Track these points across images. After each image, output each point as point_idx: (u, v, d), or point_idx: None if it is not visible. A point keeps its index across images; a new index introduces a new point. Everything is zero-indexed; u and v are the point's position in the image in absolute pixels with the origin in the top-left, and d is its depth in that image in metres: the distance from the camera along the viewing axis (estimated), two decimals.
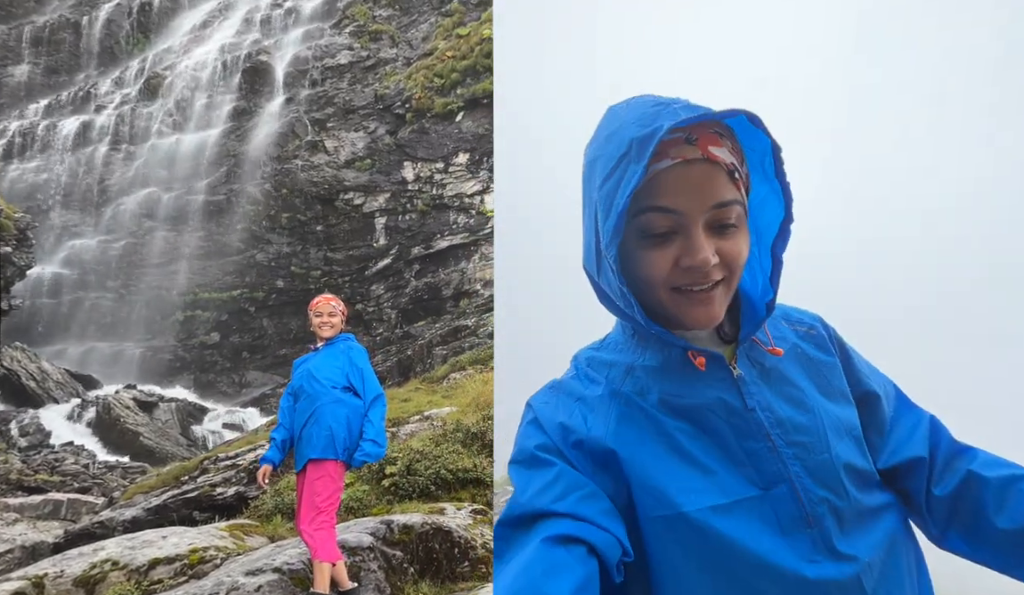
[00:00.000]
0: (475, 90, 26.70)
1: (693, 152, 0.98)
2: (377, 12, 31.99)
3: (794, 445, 1.02)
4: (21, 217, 22.22)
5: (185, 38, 33.75)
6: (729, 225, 1.01)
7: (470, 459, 7.18)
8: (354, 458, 4.37)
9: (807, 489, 1.00)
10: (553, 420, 1.09)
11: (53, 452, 17.92)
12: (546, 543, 0.91)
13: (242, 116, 29.48)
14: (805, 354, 1.15)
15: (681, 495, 0.98)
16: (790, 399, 1.07)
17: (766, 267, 1.12)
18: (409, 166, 27.12)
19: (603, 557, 0.92)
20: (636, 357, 1.12)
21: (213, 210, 28.19)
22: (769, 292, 1.11)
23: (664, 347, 1.09)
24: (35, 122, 31.28)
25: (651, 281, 1.02)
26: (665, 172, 0.98)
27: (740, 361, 1.09)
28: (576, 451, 1.04)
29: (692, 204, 0.98)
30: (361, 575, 4.71)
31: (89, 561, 5.22)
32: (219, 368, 26.97)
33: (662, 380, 1.07)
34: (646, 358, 1.10)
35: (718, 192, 0.99)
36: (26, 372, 21.55)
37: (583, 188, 1.12)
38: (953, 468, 1.14)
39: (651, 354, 1.10)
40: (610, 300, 1.11)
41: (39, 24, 34.22)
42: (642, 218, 1.00)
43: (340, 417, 4.36)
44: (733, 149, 1.03)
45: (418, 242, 26.54)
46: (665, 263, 1.01)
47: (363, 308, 26.13)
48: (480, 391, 10.71)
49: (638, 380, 1.09)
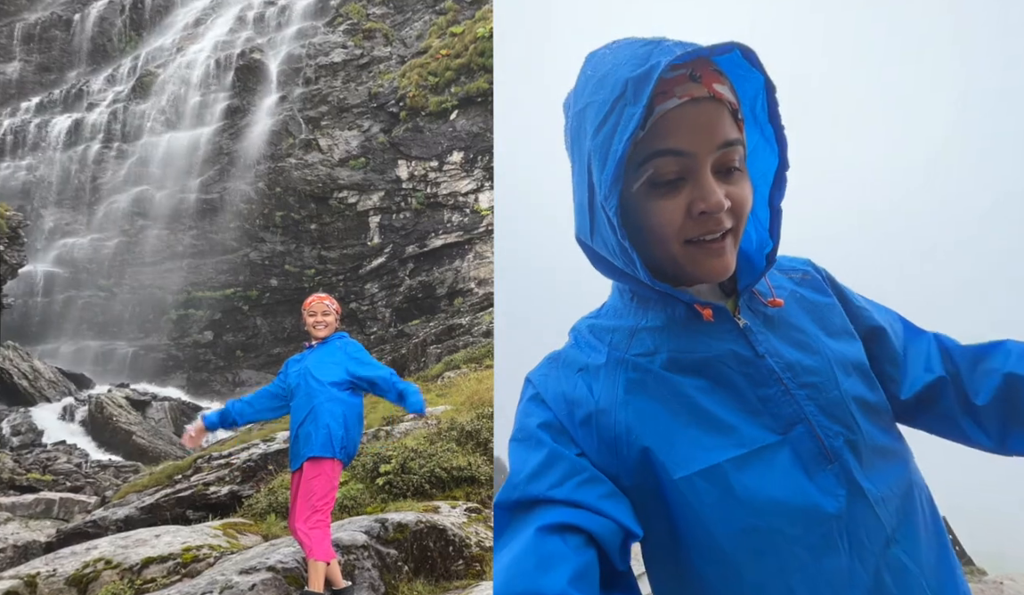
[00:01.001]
0: (469, 88, 26.69)
1: (699, 90, 0.95)
2: (371, 10, 31.94)
3: (805, 386, 1.02)
4: (13, 215, 22.11)
5: (178, 36, 33.61)
6: (734, 168, 0.98)
7: (464, 457, 7.18)
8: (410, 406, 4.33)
9: (823, 426, 1.00)
10: (557, 393, 1.06)
11: (45, 451, 17.84)
12: (541, 533, 0.90)
13: (235, 114, 29.39)
14: (804, 298, 1.15)
15: (701, 453, 0.97)
16: (796, 343, 1.07)
17: (762, 218, 1.10)
18: (403, 165, 27.09)
19: (602, 545, 0.91)
20: (638, 319, 1.09)
21: (206, 208, 28.11)
22: (768, 243, 1.09)
23: (667, 305, 1.06)
24: (27, 120, 31.13)
25: (662, 234, 0.99)
26: (672, 112, 0.94)
27: (743, 312, 1.08)
28: (584, 428, 1.02)
29: (701, 145, 0.95)
30: (355, 573, 4.70)
31: (82, 560, 5.20)
32: (212, 367, 26.90)
33: (669, 338, 1.05)
34: (648, 319, 1.07)
35: (725, 131, 0.96)
36: (18, 371, 21.44)
37: (570, 144, 1.07)
38: (984, 371, 1.13)
39: (653, 314, 1.07)
40: (606, 264, 1.08)
41: (31, 21, 34.03)
42: (649, 165, 0.96)
43: (338, 415, 4.33)
44: (731, 89, 1.00)
45: (412, 241, 26.52)
46: (678, 212, 0.97)
47: (357, 307, 26.10)
48: (475, 389, 10.71)
49: (643, 342, 1.06)
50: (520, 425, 1.06)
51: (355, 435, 4.43)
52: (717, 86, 0.96)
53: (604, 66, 0.99)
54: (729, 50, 0.96)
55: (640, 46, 0.96)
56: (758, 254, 1.11)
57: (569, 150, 1.08)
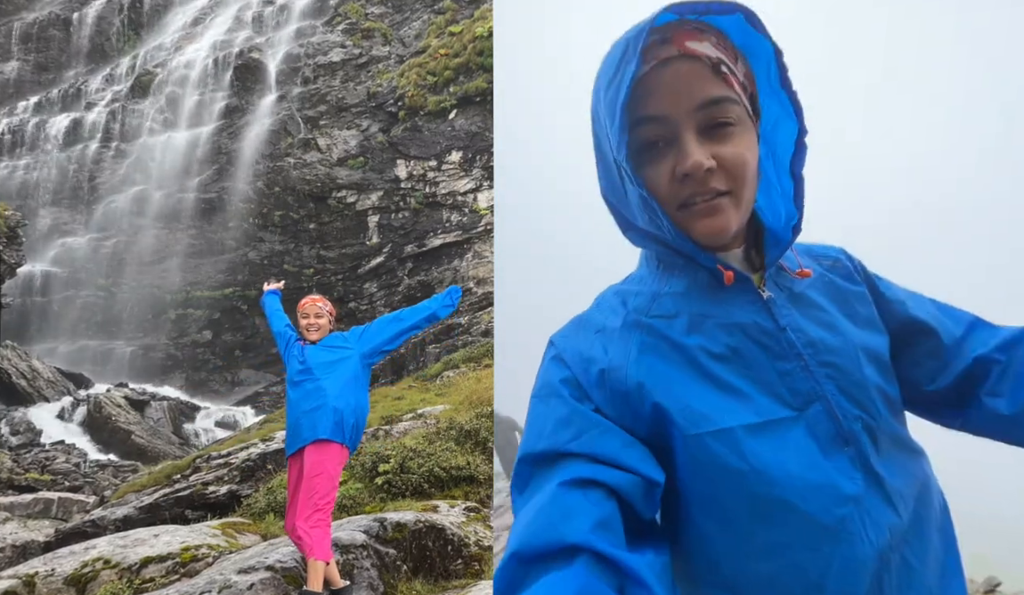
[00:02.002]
0: (468, 88, 26.68)
1: (668, 50, 0.95)
2: (369, 9, 31.92)
3: (826, 365, 1.00)
4: (11, 215, 22.09)
5: (176, 35, 33.58)
6: (725, 124, 0.96)
7: (463, 457, 7.18)
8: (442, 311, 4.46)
9: (842, 407, 0.98)
10: (574, 351, 1.06)
11: (44, 451, 17.83)
12: (563, 487, 0.90)
13: (234, 114, 29.36)
14: (832, 283, 1.13)
15: (713, 414, 0.96)
16: (820, 322, 1.05)
17: (787, 189, 1.08)
18: (402, 164, 27.08)
19: (624, 496, 0.91)
20: (662, 285, 1.08)
21: (205, 208, 28.09)
22: (794, 216, 1.07)
23: (690, 270, 1.05)
24: (25, 119, 31.09)
25: (660, 200, 0.99)
26: (646, 77, 0.95)
27: (768, 285, 1.06)
28: (599, 385, 1.02)
29: (675, 107, 0.95)
30: (354, 573, 4.70)
31: (80, 560, 5.19)
32: (211, 366, 26.89)
33: (690, 303, 1.04)
34: (672, 285, 1.07)
35: (702, 89, 0.94)
36: (16, 370, 21.42)
37: (594, 117, 1.07)
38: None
39: (677, 280, 1.07)
40: (634, 229, 1.08)
41: (29, 21, 33.99)
42: (636, 132, 0.97)
43: (349, 401, 4.30)
44: (720, 45, 0.98)
45: (411, 240, 26.51)
46: (664, 176, 0.97)
47: (356, 306, 26.09)
48: (473, 389, 10.72)
49: (663, 305, 1.05)
50: (542, 382, 1.07)
51: (362, 424, 4.42)
52: (691, 43, 0.95)
53: (617, 42, 1.00)
54: (730, 11, 0.95)
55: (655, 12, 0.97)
56: (786, 228, 1.08)
57: (594, 124, 1.07)
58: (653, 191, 0.98)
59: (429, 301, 4.75)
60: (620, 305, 1.10)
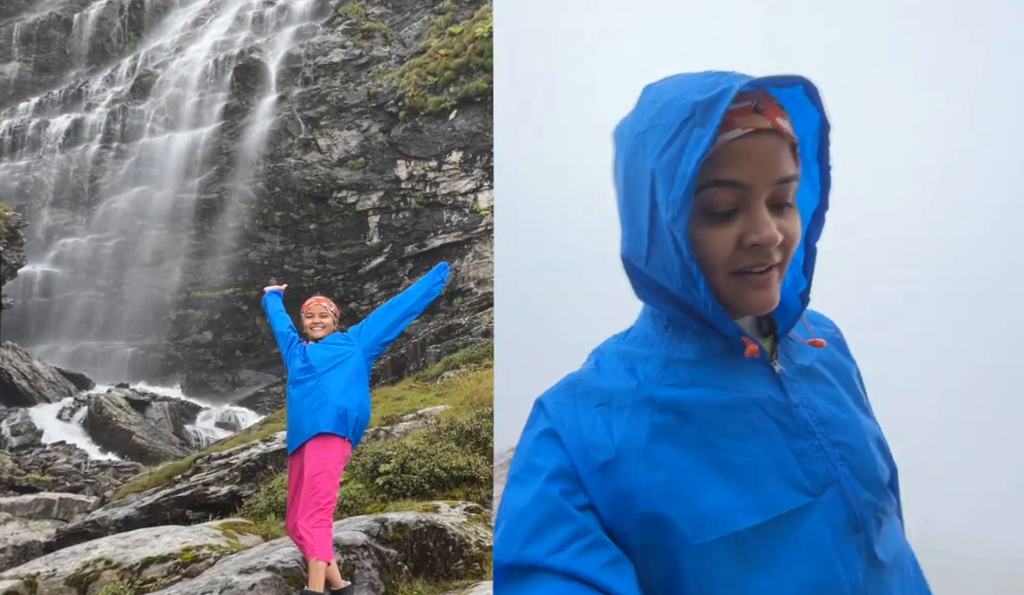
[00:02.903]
0: (468, 88, 26.70)
1: (762, 122, 0.93)
2: (370, 10, 31.95)
3: (839, 445, 0.97)
4: (12, 215, 22.12)
5: (177, 36, 33.63)
6: (787, 204, 0.96)
7: (464, 457, 7.19)
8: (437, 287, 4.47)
9: (855, 491, 0.95)
10: (573, 430, 0.98)
11: (45, 451, 17.86)
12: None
13: (234, 114, 29.39)
14: (833, 355, 1.10)
15: (723, 516, 0.90)
16: (828, 397, 1.02)
17: (798, 258, 1.06)
18: (402, 164, 27.10)
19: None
20: (672, 350, 1.02)
21: (206, 209, 28.11)
22: (801, 282, 1.06)
23: (703, 336, 1.01)
24: (25, 120, 31.13)
25: (710, 264, 0.96)
26: (734, 143, 0.93)
27: (779, 356, 1.03)
28: (600, 475, 0.94)
29: (759, 178, 0.93)
30: (355, 573, 4.70)
31: (82, 560, 5.20)
32: (212, 367, 26.91)
33: (705, 373, 0.99)
34: (683, 350, 1.01)
35: (784, 166, 0.94)
36: (17, 371, 21.44)
37: (623, 168, 1.02)
38: None
39: (688, 345, 1.02)
40: (653, 288, 1.03)
41: (29, 21, 34.03)
42: (705, 194, 0.94)
43: (352, 397, 4.31)
44: (790, 123, 0.97)
45: (411, 240, 26.54)
46: (728, 242, 0.94)
47: (356, 307, 26.09)
48: (474, 389, 10.73)
49: (678, 375, 0.99)
50: (526, 462, 0.97)
51: (364, 420, 4.43)
52: (780, 120, 0.95)
53: (669, 93, 0.97)
54: (794, 84, 0.95)
55: (707, 76, 0.95)
56: (791, 293, 1.06)
57: (621, 174, 1.04)
58: (711, 254, 0.95)
59: (420, 281, 4.75)
60: (627, 373, 1.02)
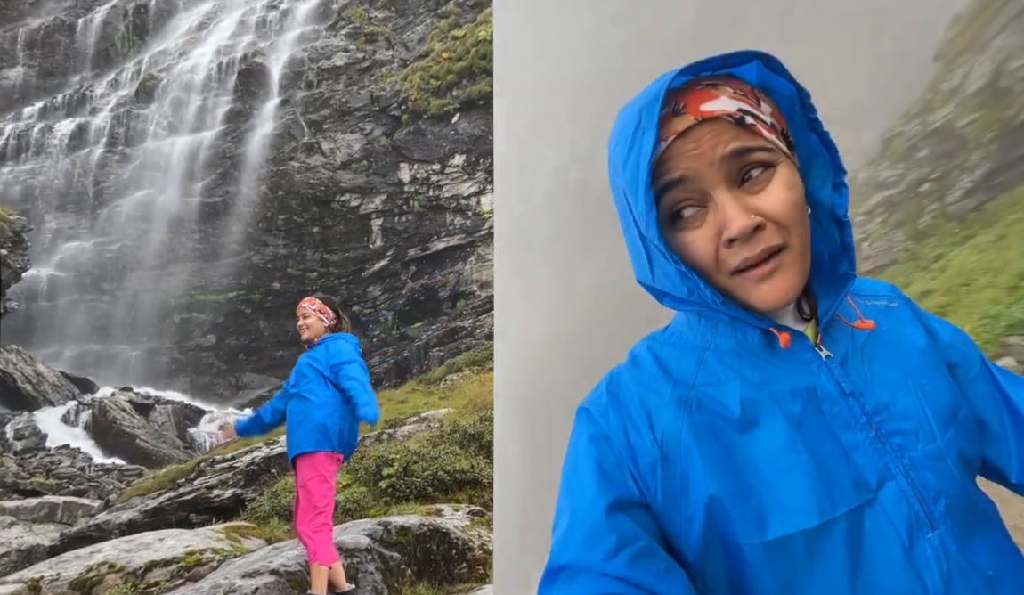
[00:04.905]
0: (471, 91, 26.74)
1: (684, 121, 0.86)
2: (372, 14, 32.03)
3: (900, 433, 0.87)
4: (16, 219, 22.18)
5: (180, 40, 33.74)
6: (756, 169, 0.86)
7: (467, 460, 7.18)
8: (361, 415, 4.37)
9: (921, 484, 0.84)
10: (620, 436, 0.92)
11: (49, 455, 17.89)
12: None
13: (238, 118, 29.48)
14: (891, 331, 0.97)
15: (773, 518, 0.83)
16: (884, 381, 0.91)
17: (829, 232, 0.96)
18: (405, 168, 27.15)
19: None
20: (707, 341, 0.95)
21: (209, 212, 28.18)
22: (843, 260, 0.94)
23: (738, 328, 0.92)
24: (30, 124, 31.26)
25: (703, 269, 0.88)
26: (663, 154, 0.86)
27: (825, 340, 0.92)
28: (648, 478, 0.89)
29: (700, 164, 0.85)
30: (359, 577, 4.71)
31: (85, 564, 5.21)
32: (215, 370, 26.95)
33: (743, 366, 0.91)
34: (719, 342, 0.93)
35: (727, 144, 0.84)
36: (22, 375, 21.49)
37: (615, 197, 0.96)
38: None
39: (723, 337, 0.93)
40: (672, 299, 0.94)
41: (34, 26, 34.18)
42: (664, 200, 0.87)
43: (329, 410, 4.36)
44: (740, 94, 0.88)
45: (414, 243, 26.56)
46: (706, 244, 0.86)
47: (360, 310, 26.13)
48: (477, 392, 10.72)
49: (713, 371, 0.92)
50: (578, 469, 0.92)
51: (350, 425, 4.44)
52: (706, 106, 0.86)
53: (630, 107, 0.91)
54: (747, 60, 0.87)
55: (656, 80, 0.88)
56: (831, 272, 0.96)
57: (617, 206, 0.97)
58: (695, 261, 0.88)
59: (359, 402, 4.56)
60: (663, 375, 0.95)
